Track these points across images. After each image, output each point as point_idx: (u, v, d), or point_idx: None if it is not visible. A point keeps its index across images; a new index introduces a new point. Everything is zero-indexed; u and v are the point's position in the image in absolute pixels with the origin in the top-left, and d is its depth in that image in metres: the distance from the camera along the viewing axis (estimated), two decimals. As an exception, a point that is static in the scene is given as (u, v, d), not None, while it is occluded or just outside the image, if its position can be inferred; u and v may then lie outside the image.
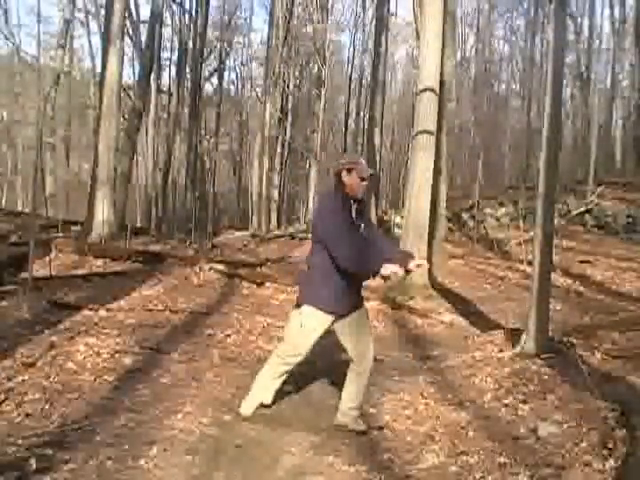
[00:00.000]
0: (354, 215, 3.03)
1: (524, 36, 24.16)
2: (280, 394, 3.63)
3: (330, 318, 3.04)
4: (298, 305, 3.12)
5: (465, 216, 13.73)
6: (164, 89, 21.34)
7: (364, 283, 3.18)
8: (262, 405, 3.34)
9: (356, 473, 2.63)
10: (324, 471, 2.65)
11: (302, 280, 3.28)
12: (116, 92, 11.58)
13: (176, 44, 20.23)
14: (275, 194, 20.28)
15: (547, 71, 4.26)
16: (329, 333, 3.16)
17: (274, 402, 3.44)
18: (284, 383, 3.45)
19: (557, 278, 7.25)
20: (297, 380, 3.88)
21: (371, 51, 16.84)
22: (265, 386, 3.25)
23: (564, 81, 4.99)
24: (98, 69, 16.55)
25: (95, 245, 9.69)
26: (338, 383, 3.88)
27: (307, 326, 3.04)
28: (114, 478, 2.44)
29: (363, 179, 3.01)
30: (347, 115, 23.59)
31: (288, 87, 20.97)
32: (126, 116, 16.35)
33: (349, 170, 3.00)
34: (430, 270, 7.73)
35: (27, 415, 2.99)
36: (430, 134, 7.28)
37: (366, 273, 2.98)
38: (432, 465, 2.69)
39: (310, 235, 3.36)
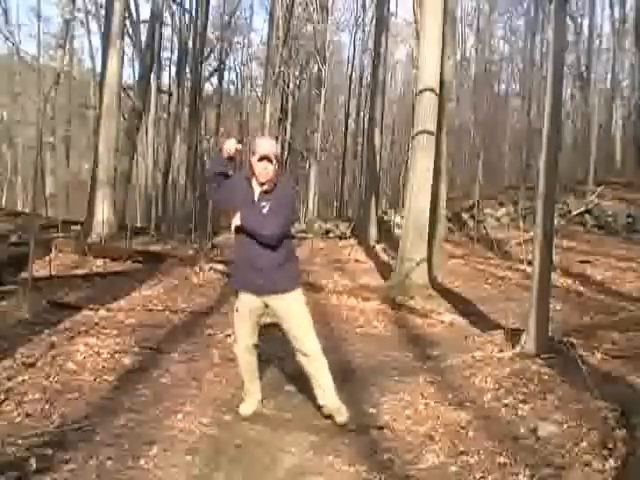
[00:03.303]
0: (256, 195, 3.07)
1: (524, 36, 24.17)
2: (280, 394, 3.63)
3: (242, 296, 3.15)
4: None
5: (465, 216, 13.72)
6: (164, 89, 21.33)
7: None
8: (261, 404, 3.35)
9: (356, 473, 2.63)
10: (324, 471, 2.64)
11: None
12: (116, 92, 11.60)
13: (176, 44, 20.24)
14: (275, 194, 20.24)
15: (547, 71, 4.26)
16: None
17: (274, 402, 3.44)
18: (285, 383, 3.45)
19: (557, 278, 7.25)
20: (297, 380, 3.89)
21: (371, 51, 16.83)
22: (248, 385, 3.30)
23: (564, 81, 4.99)
24: (98, 69, 16.54)
25: (95, 245, 9.70)
26: (338, 384, 3.88)
27: (235, 309, 3.22)
28: (114, 478, 2.44)
29: (260, 160, 3.02)
30: (347, 115, 23.58)
31: (288, 87, 20.96)
32: (126, 116, 16.35)
33: (253, 153, 3.06)
34: (430, 270, 7.74)
35: (27, 415, 2.99)
36: (430, 134, 7.27)
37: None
38: (432, 465, 2.69)
39: None
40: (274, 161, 3.02)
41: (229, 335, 5.01)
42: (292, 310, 3.12)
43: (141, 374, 3.82)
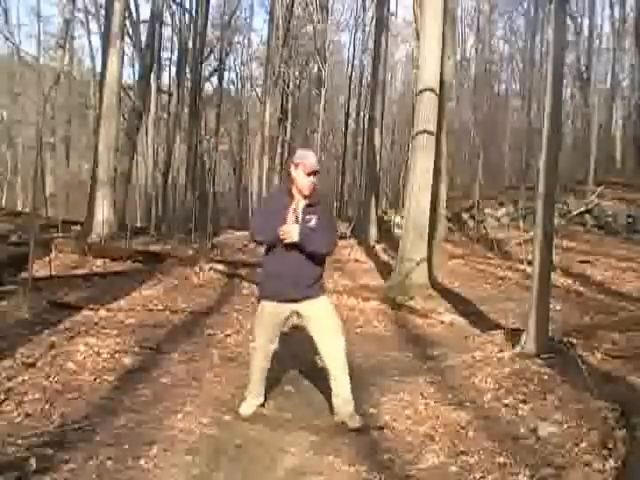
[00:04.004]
0: (300, 210, 3.06)
1: (524, 36, 24.15)
2: (280, 394, 3.63)
3: (275, 305, 3.12)
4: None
5: (465, 216, 13.72)
6: (164, 89, 21.33)
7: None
8: (262, 405, 3.35)
9: (356, 473, 2.63)
10: (324, 471, 2.64)
11: None
12: (116, 92, 11.59)
13: (176, 44, 20.23)
14: (275, 194, 20.27)
15: (547, 71, 4.26)
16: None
17: (274, 402, 3.44)
18: (285, 383, 3.45)
19: (557, 278, 7.25)
20: (297, 380, 3.89)
21: (371, 51, 16.82)
22: (255, 386, 3.30)
23: (564, 81, 4.99)
24: (98, 69, 16.55)
25: (95, 245, 9.69)
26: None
27: (262, 316, 3.19)
28: (114, 478, 2.44)
29: (309, 174, 3.03)
30: (347, 115, 23.55)
31: (288, 87, 20.97)
32: (126, 116, 16.35)
33: (296, 165, 3.06)
34: (430, 270, 7.74)
35: (27, 415, 2.99)
36: (430, 134, 7.27)
37: (262, 238, 3.09)
38: (432, 465, 2.69)
39: None
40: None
41: (229, 335, 5.01)
42: (322, 311, 3.15)
43: (141, 374, 3.81)
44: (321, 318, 3.14)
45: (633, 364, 3.60)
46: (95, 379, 3.62)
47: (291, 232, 2.96)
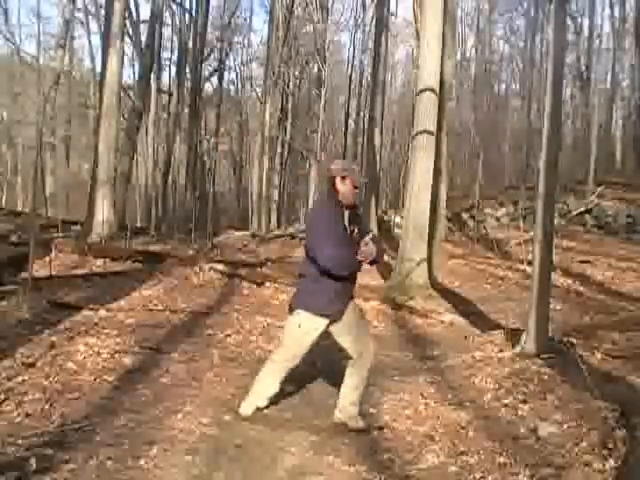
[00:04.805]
0: (346, 220, 3.07)
1: (524, 36, 24.15)
2: (280, 394, 3.63)
3: (324, 321, 3.08)
4: (291, 309, 3.14)
5: (465, 216, 13.73)
6: (164, 89, 21.33)
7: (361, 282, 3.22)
8: (259, 407, 3.34)
9: (356, 473, 2.63)
10: (324, 471, 2.64)
11: (299, 285, 3.26)
12: (116, 92, 11.59)
13: (176, 44, 20.24)
14: (275, 194, 20.30)
15: (547, 71, 4.26)
16: (326, 334, 3.17)
17: (274, 402, 3.44)
18: (284, 383, 3.43)
19: (557, 278, 7.25)
20: (297, 380, 3.88)
21: (371, 51, 16.82)
22: (262, 390, 3.25)
23: (564, 81, 4.99)
24: (98, 69, 16.56)
25: (95, 245, 9.68)
26: (338, 383, 3.88)
27: (302, 330, 3.08)
28: (114, 478, 2.44)
29: (356, 187, 3.06)
30: (347, 115, 23.56)
31: (288, 87, 20.96)
32: (126, 116, 16.35)
33: (343, 178, 3.04)
34: (430, 270, 7.74)
35: (27, 415, 2.98)
36: (430, 134, 7.27)
37: (347, 273, 3.01)
38: (432, 465, 2.69)
39: (304, 241, 3.39)
40: None
41: (229, 335, 5.01)
42: (357, 315, 3.20)
43: (141, 374, 3.81)
44: (354, 321, 3.16)
45: (633, 364, 3.60)
46: (95, 379, 3.61)
47: (372, 253, 2.97)
